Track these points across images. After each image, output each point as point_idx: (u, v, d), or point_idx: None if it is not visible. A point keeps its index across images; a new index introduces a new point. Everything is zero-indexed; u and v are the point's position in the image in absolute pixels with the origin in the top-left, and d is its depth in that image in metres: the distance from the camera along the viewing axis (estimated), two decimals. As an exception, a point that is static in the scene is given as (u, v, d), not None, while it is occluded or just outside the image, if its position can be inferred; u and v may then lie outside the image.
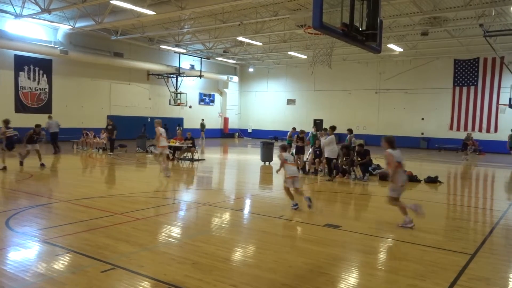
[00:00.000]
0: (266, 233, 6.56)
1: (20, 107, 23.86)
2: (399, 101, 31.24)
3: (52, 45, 24.05)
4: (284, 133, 24.94)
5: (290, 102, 36.86)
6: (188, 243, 5.87)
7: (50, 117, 20.49)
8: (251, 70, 38.41)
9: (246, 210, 8.50)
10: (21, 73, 23.77)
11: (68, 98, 26.12)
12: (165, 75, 31.38)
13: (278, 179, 13.08)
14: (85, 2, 18.47)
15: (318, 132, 15.77)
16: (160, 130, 12.39)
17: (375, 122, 32.21)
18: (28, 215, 7.34)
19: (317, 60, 15.49)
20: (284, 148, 8.51)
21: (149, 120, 30.74)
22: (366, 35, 5.86)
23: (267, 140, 17.37)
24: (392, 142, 6.97)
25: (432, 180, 12.72)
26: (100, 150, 19.73)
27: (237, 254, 5.52)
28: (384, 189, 11.62)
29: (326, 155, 13.22)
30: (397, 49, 26.23)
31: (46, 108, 25.05)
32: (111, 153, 18.54)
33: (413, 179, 12.86)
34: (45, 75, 24.92)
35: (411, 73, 30.67)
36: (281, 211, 8.20)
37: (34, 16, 20.71)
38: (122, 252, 5.28)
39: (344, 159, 13.35)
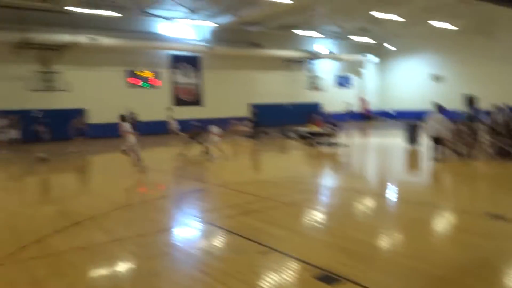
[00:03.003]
0: (418, 221, 6.27)
1: (177, 101, 26.88)
2: None
3: (200, 43, 26.35)
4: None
5: (436, 78, 33.86)
6: (337, 228, 5.97)
7: None
8: (391, 47, 36.33)
9: (393, 196, 8.22)
10: (176, 70, 26.72)
11: (216, 90, 28.43)
12: (301, 60, 31.77)
13: (425, 163, 12.29)
14: (226, -1, 19.78)
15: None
16: (125, 126, 11.90)
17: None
18: (191, 197, 8.35)
19: (472, 31, 13.82)
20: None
21: (288, 107, 31.67)
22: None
23: (412, 122, 16.36)
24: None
25: None
26: (245, 138, 21.02)
27: (389, 243, 5.41)
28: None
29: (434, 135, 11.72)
30: None
31: (197, 101, 27.75)
32: (256, 140, 19.54)
33: None
34: (196, 71, 27.57)
35: None
36: (430, 198, 7.72)
37: (185, 18, 22.95)
38: (275, 235, 5.63)
39: None
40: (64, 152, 16.58)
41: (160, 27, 25.17)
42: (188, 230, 6.22)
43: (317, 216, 6.76)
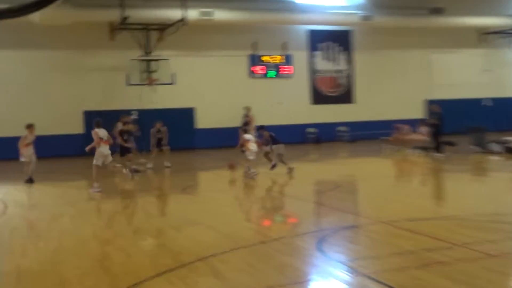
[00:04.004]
0: None
1: (317, 97, 27.26)
2: None
3: (351, 11, 26.39)
4: None
5: None
6: None
7: None
8: None
9: None
10: (316, 53, 27.19)
11: (372, 81, 28.16)
12: (509, 32, 29.69)
13: None
14: None
15: None
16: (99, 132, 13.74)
17: None
18: (339, 237, 8.30)
19: None
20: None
21: (486, 104, 29.78)
22: None
23: None
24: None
25: None
26: (419, 151, 20.31)
27: None
28: None
29: None
30: None
31: (345, 96, 27.82)
32: (438, 154, 18.71)
33: None
34: (343, 52, 27.66)
35: None
36: None
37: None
38: (472, 302, 5.28)
39: None
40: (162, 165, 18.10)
41: (295, -7, 25.92)
42: (334, 283, 6.15)
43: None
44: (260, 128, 16.09)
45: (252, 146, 15.05)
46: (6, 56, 22.61)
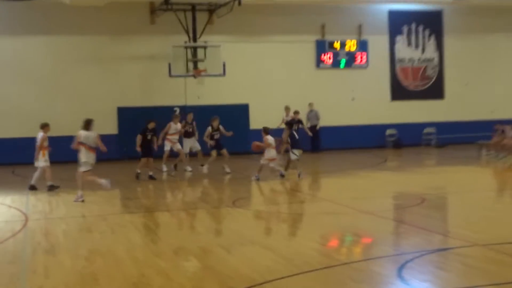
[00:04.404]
0: None
1: (398, 91, 26.92)
2: None
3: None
4: None
5: None
6: None
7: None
8: None
9: None
10: (398, 37, 26.88)
11: (467, 72, 27.58)
12: None
13: None
14: None
15: None
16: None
17: None
18: (425, 262, 8.15)
19: None
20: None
21: None
22: None
23: None
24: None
25: None
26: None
27: None
28: None
29: None
30: None
31: (433, 91, 27.34)
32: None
33: None
34: (432, 37, 27.23)
35: None
36: None
37: None
38: None
39: None
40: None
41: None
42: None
43: None
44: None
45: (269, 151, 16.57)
46: (29, 42, 23.08)
